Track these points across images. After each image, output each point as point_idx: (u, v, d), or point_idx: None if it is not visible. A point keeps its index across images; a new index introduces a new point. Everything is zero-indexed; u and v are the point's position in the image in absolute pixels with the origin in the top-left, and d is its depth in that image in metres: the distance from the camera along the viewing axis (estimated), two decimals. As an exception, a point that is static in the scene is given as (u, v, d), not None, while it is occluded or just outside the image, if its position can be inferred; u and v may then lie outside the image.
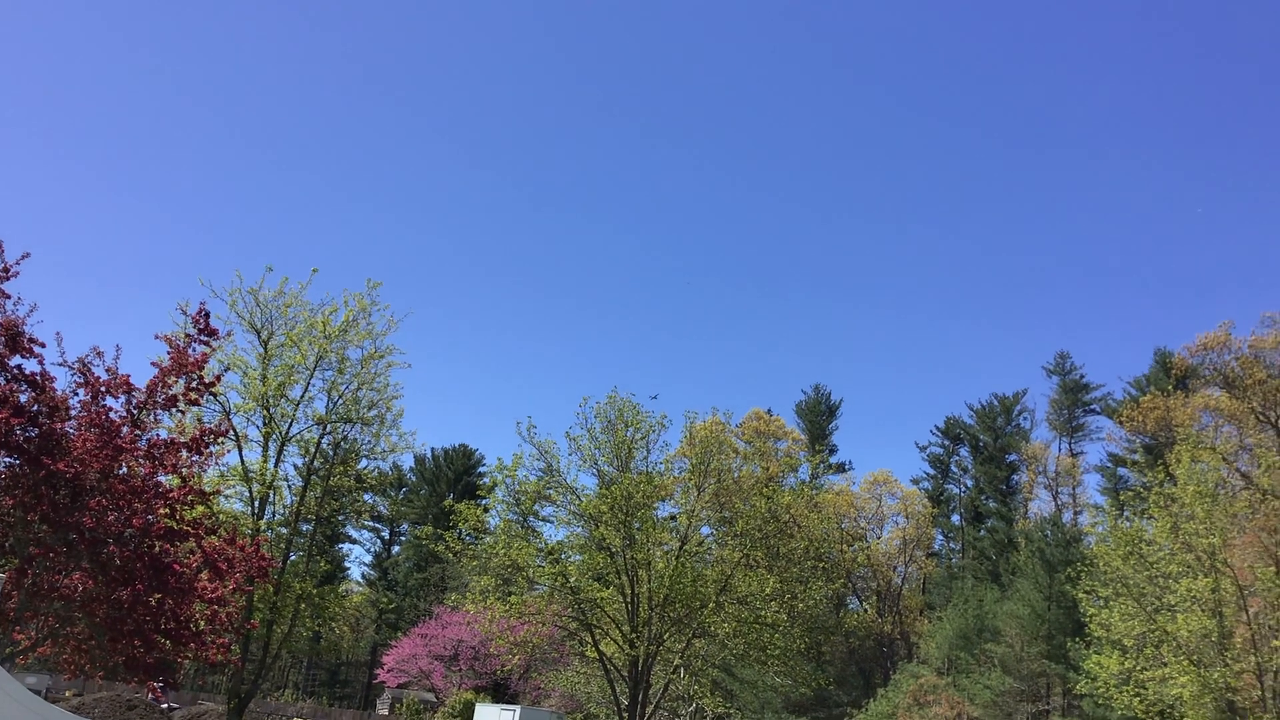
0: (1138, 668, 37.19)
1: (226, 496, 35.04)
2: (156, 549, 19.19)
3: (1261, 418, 60.55)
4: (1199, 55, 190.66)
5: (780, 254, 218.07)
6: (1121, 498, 49.09)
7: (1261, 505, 41.49)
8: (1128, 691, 38.00)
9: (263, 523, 35.38)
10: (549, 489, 40.52)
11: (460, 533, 40.31)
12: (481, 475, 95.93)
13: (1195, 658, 35.90)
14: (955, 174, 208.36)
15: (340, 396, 37.33)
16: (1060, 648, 57.28)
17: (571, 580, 38.62)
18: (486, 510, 40.64)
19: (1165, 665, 36.39)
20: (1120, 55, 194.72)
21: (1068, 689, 58.41)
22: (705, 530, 47.25)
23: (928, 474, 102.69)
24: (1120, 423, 69.72)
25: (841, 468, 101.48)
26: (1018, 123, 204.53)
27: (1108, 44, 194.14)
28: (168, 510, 19.45)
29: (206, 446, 20.35)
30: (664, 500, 43.17)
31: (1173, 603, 36.87)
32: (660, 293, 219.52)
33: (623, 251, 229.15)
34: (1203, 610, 36.25)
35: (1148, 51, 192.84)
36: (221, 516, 30.40)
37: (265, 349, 36.38)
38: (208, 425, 21.91)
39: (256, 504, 35.75)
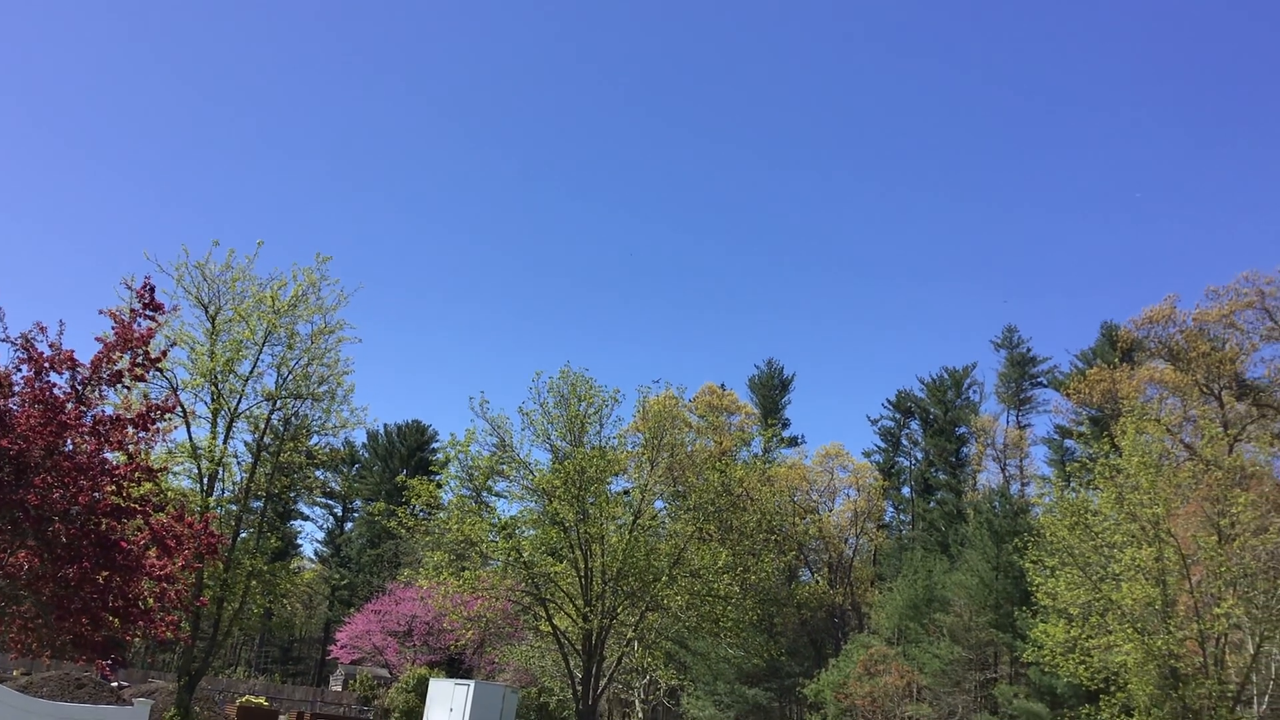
0: (1083, 636, 37.83)
1: (175, 473, 34.74)
2: (103, 526, 18.99)
3: (1205, 390, 61.65)
4: (1145, 30, 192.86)
5: (734, 225, 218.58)
6: (1068, 469, 49.77)
7: (1204, 476, 42.25)
8: (1073, 659, 38.67)
9: (212, 500, 35.08)
10: (502, 464, 40.54)
11: (413, 509, 40.24)
12: (435, 451, 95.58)
13: (1139, 625, 36.58)
14: (906, 148, 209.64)
15: (290, 372, 37.06)
16: (1008, 617, 58.21)
17: (525, 555, 38.70)
18: (440, 486, 40.59)
19: (1110, 633, 37.06)
20: (1067, 29, 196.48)
21: (1015, 657, 59.36)
22: (659, 504, 47.41)
23: (879, 447, 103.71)
24: (1067, 395, 70.65)
25: (794, 441, 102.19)
26: (967, 96, 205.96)
27: (1054, 15, 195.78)
28: (114, 487, 19.24)
29: (153, 422, 20.13)
30: (617, 475, 43.31)
31: (1117, 572, 37.50)
32: (615, 265, 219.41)
33: (578, 222, 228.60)
34: (1147, 579, 36.92)
35: (1094, 24, 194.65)
36: (170, 494, 30.10)
37: (213, 324, 35.99)
38: (154, 401, 21.61)
39: (205, 481, 35.45)
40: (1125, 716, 38.02)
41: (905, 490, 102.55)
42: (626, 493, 43.35)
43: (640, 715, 61.20)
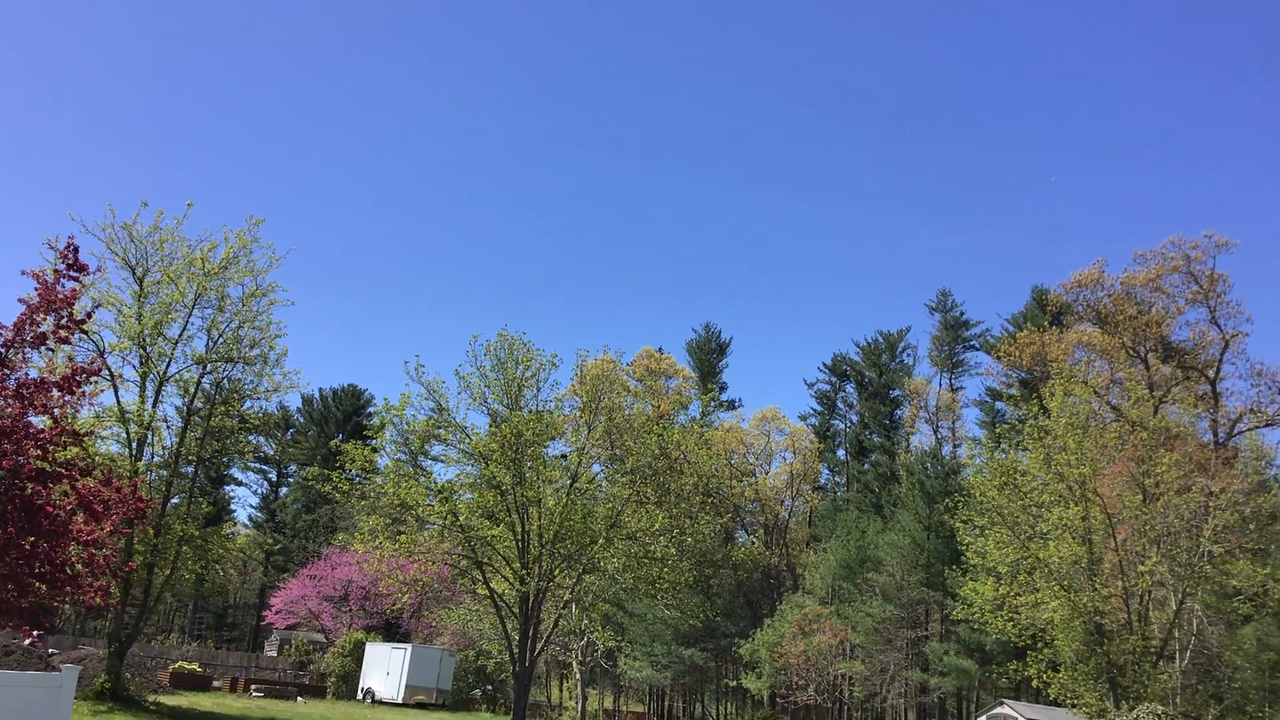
0: (1011, 593, 38.57)
1: (102, 438, 34.10)
2: (28, 491, 18.65)
3: (1131, 353, 62.76)
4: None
5: (668, 194, 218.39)
6: (998, 431, 50.55)
7: (1130, 437, 43.15)
8: (1002, 616, 39.44)
9: (141, 464, 34.51)
10: (439, 428, 40.23)
11: (349, 473, 39.88)
12: (371, 416, 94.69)
13: (1066, 583, 37.38)
14: (844, 114, 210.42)
15: (220, 335, 36.45)
16: (938, 576, 59.30)
17: (462, 519, 38.54)
18: (375, 450, 40.22)
19: (1037, 590, 37.82)
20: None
21: (945, 615, 60.50)
22: (596, 468, 47.42)
23: (815, 410, 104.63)
24: (998, 358, 71.52)
25: (731, 405, 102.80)
26: (903, 62, 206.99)
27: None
28: (39, 451, 18.88)
29: (79, 386, 19.74)
30: (555, 438, 43.16)
31: (1045, 531, 38.22)
32: (554, 227, 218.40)
33: (517, 185, 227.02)
34: (1073, 538, 37.70)
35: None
36: (97, 458, 29.53)
37: (141, 286, 35.26)
38: (80, 364, 21.17)
39: (134, 445, 34.85)
40: (1052, 672, 38.91)
41: (840, 453, 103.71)
42: (564, 456, 43.23)
43: (578, 676, 61.53)
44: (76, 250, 20.05)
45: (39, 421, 19.68)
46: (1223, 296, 60.67)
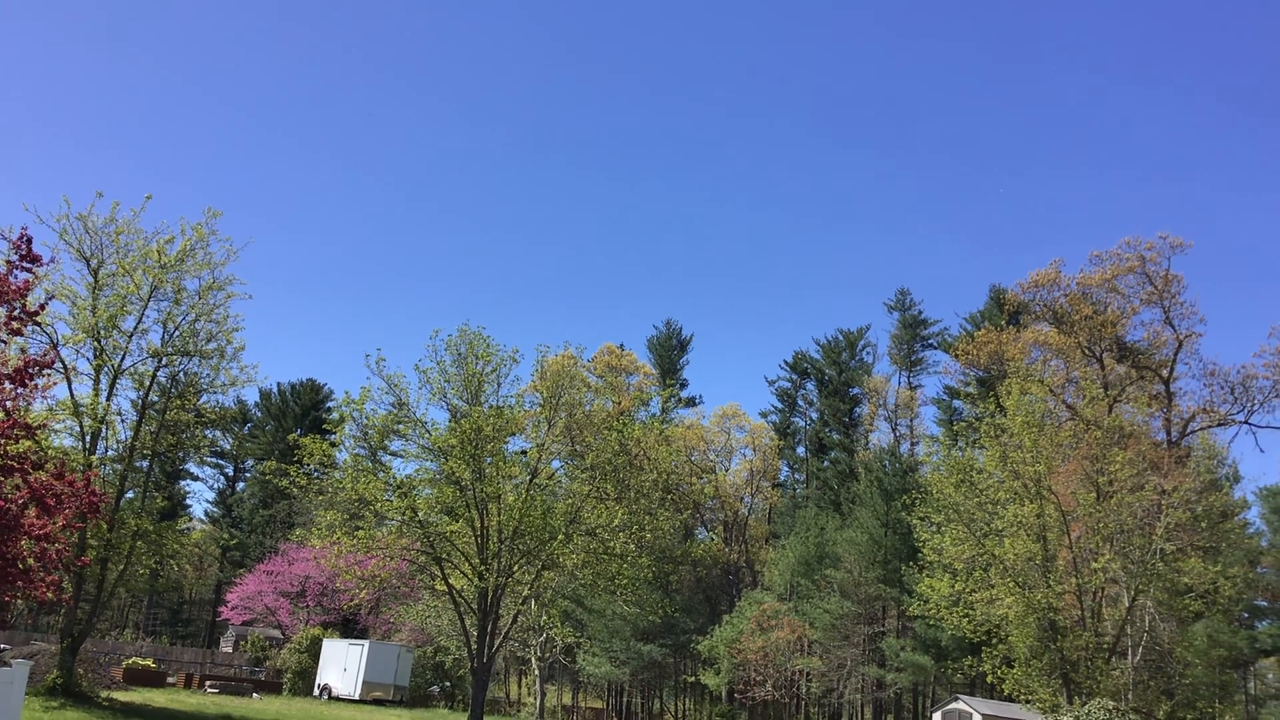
0: (967, 589, 38.89)
1: (55, 431, 33.59)
2: (-22, 484, 18.37)
3: (1087, 352, 63.46)
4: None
5: (630, 194, 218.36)
6: (955, 429, 50.92)
7: (1085, 435, 43.64)
8: (957, 612, 39.77)
9: (95, 458, 34.07)
10: (399, 423, 40.03)
11: (306, 468, 39.57)
12: (330, 410, 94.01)
13: (1021, 579, 37.73)
14: (803, 115, 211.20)
15: (176, 328, 36.03)
16: (895, 572, 59.68)
17: (421, 514, 38.39)
18: (334, 445, 39.96)
19: (993, 587, 38.16)
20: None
21: (902, 611, 60.92)
22: (556, 464, 47.37)
23: (775, 407, 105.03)
24: (956, 357, 72.03)
25: (692, 402, 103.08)
26: (863, 65, 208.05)
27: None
28: (-11, 444, 18.60)
29: (31, 378, 19.45)
30: (515, 434, 43.06)
31: (1000, 528, 38.57)
32: (517, 224, 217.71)
33: (478, 179, 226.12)
34: (1028, 535, 38.07)
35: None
36: (50, 452, 29.10)
37: (95, 278, 34.78)
38: (33, 356, 20.86)
39: (88, 439, 34.40)
40: (1006, 667, 39.30)
41: (800, 450, 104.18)
42: (524, 452, 43.18)
43: (537, 672, 61.41)
44: (29, 241, 19.75)
45: (-10, 414, 19.39)
46: (1177, 297, 61.46)
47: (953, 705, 50.10)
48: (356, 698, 52.89)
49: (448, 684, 65.53)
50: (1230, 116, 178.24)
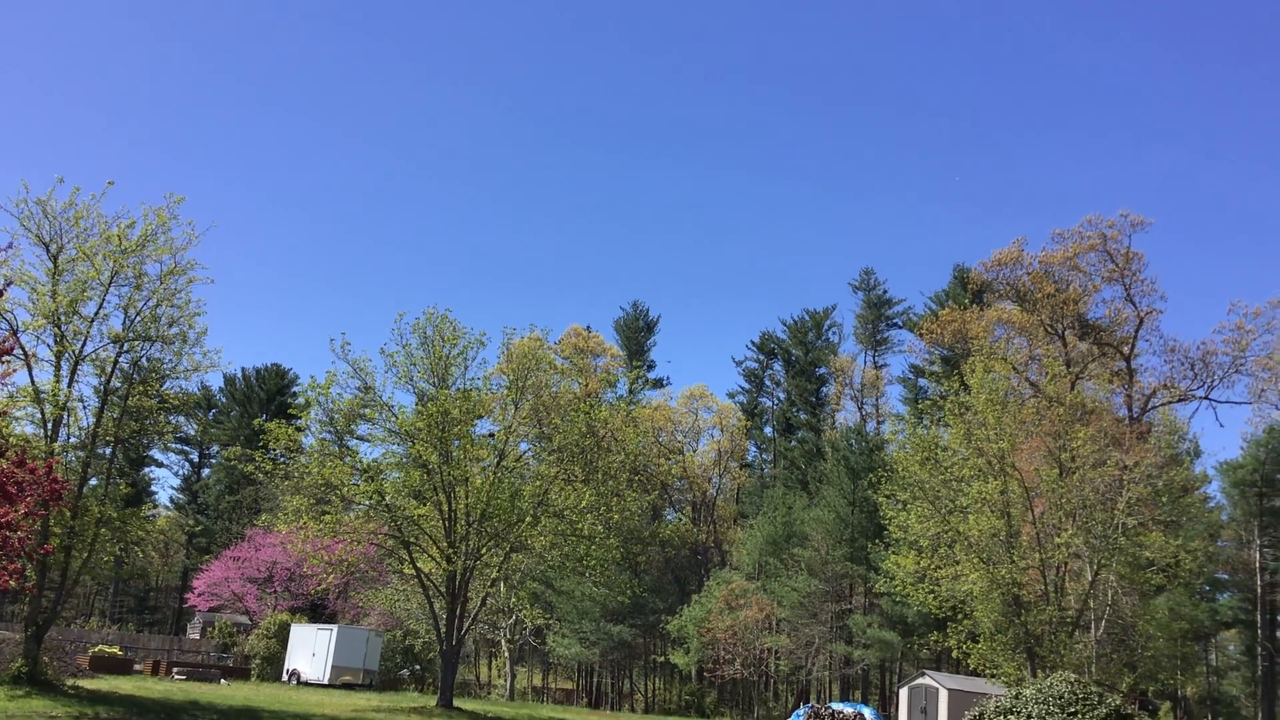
0: (932, 566, 39.21)
1: (16, 419, 33.14)
2: (-62, 472, 18.21)
3: (1049, 330, 64.06)
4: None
5: (596, 172, 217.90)
6: (920, 407, 51.29)
7: (1047, 412, 44.04)
8: (923, 589, 40.09)
9: (57, 445, 33.72)
10: (365, 407, 39.95)
11: (272, 453, 39.38)
12: (296, 395, 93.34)
13: (985, 555, 38.08)
14: (770, 94, 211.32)
15: (138, 313, 35.60)
16: (862, 550, 60.19)
17: (388, 498, 38.34)
18: (300, 430, 39.80)
19: (957, 563, 38.49)
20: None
21: (869, 588, 61.47)
22: (524, 446, 47.41)
23: (743, 388, 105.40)
24: (920, 335, 72.52)
25: (659, 383, 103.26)
26: (827, 40, 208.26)
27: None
28: (-51, 432, 18.44)
29: (-10, 365, 19.29)
30: (482, 417, 43.06)
31: (965, 505, 38.86)
32: (485, 204, 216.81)
33: (447, 157, 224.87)
34: (992, 511, 38.40)
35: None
36: (11, 439, 28.80)
37: (55, 263, 34.32)
38: (-8, 343, 20.67)
39: (50, 426, 34.02)
40: (971, 642, 39.70)
41: (768, 430, 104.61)
42: (491, 435, 43.19)
43: (506, 654, 61.62)
44: (-14, 226, 19.56)
45: (-51, 402, 19.23)
46: (1138, 275, 62.17)
47: (919, 680, 50.65)
48: (325, 682, 52.81)
49: (417, 667, 65.53)
50: (1192, 92, 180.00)
